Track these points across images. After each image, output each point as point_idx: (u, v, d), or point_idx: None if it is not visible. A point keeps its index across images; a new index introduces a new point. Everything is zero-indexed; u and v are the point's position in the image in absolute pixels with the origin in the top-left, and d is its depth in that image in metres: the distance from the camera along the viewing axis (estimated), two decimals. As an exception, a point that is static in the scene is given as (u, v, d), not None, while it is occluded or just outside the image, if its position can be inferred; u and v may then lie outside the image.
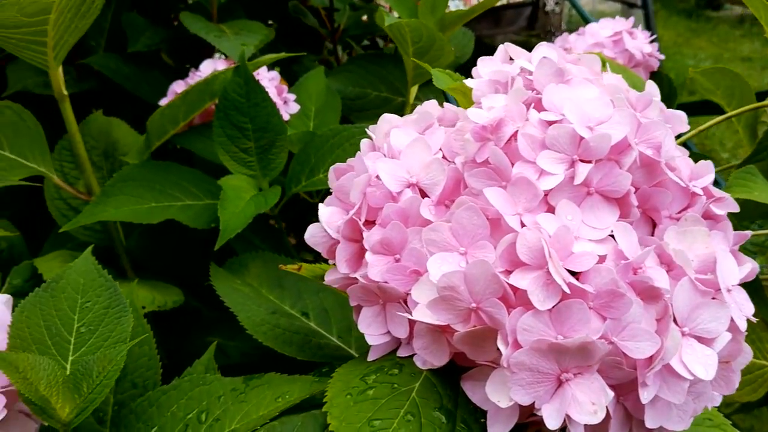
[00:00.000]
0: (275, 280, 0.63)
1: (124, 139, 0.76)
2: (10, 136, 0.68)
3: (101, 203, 0.61)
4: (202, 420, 0.44)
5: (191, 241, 0.80)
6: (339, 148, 0.68)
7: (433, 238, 0.35)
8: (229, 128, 0.63)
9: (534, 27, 3.93)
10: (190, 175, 0.66)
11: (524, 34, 3.73)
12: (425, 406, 0.36)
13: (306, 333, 0.58)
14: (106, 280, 0.46)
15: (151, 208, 0.62)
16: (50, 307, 0.44)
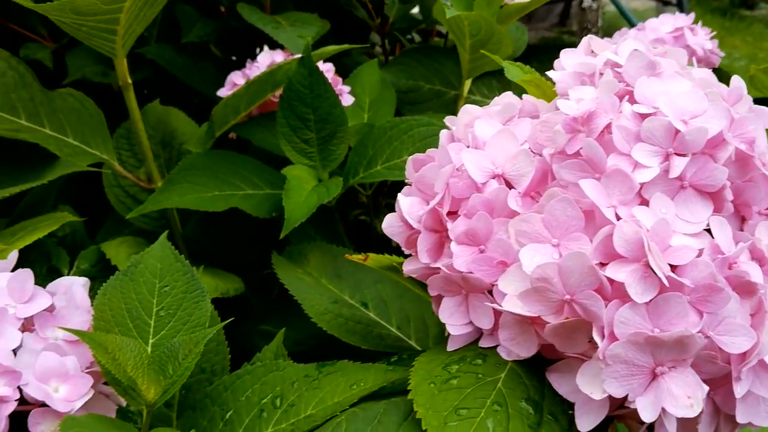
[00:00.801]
0: (334, 270, 0.64)
1: (182, 128, 0.77)
2: (73, 122, 0.69)
3: (166, 191, 0.62)
4: (277, 405, 0.44)
5: (243, 230, 0.81)
6: (397, 140, 0.68)
7: (524, 229, 0.35)
8: (292, 119, 0.63)
9: (565, 24, 3.89)
10: (250, 165, 0.67)
11: (555, 31, 3.70)
12: (512, 396, 0.36)
13: (367, 323, 0.59)
14: (183, 265, 0.47)
15: (214, 197, 0.63)
16: (130, 291, 0.45)
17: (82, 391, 0.38)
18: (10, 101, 0.67)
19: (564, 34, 3.87)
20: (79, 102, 0.71)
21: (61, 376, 0.39)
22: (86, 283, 0.45)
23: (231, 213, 0.81)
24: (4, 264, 0.43)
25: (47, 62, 0.80)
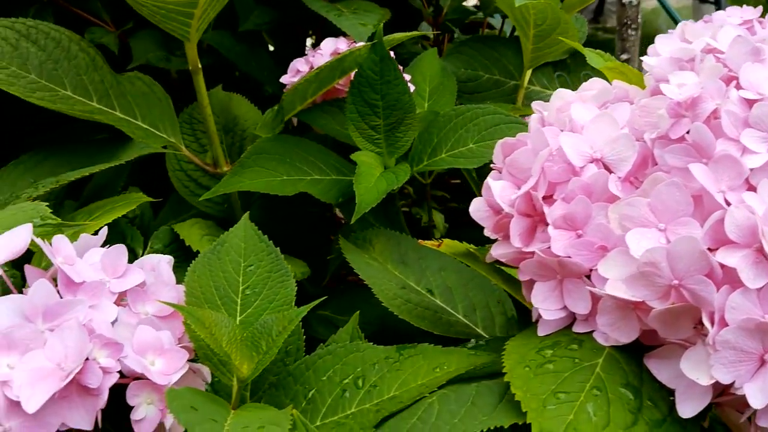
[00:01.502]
0: (398, 256, 0.64)
1: (245, 114, 0.77)
2: (142, 106, 0.70)
3: (237, 174, 0.63)
4: (359, 385, 0.45)
5: (302, 216, 0.81)
6: (462, 129, 0.68)
7: (629, 213, 0.35)
8: (361, 105, 0.63)
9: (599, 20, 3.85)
10: (316, 151, 0.67)
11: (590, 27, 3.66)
12: (611, 381, 0.36)
13: (435, 309, 0.59)
14: (267, 245, 0.47)
15: (283, 181, 0.63)
16: (218, 269, 0.45)
17: (178, 365, 0.39)
18: (83, 83, 0.68)
19: (598, 30, 3.83)
20: (147, 86, 0.72)
21: (157, 350, 0.39)
22: (171, 261, 0.46)
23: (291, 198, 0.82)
24: (94, 239, 0.44)
25: (112, 47, 0.81)
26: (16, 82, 0.63)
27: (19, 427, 0.35)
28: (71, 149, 0.68)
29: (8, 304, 0.36)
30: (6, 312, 0.36)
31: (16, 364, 0.35)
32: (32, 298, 0.36)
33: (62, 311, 0.37)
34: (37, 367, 0.35)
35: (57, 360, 0.36)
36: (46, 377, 0.35)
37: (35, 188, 0.55)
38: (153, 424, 0.38)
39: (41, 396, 0.34)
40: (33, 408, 0.34)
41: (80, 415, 0.36)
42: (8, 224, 0.44)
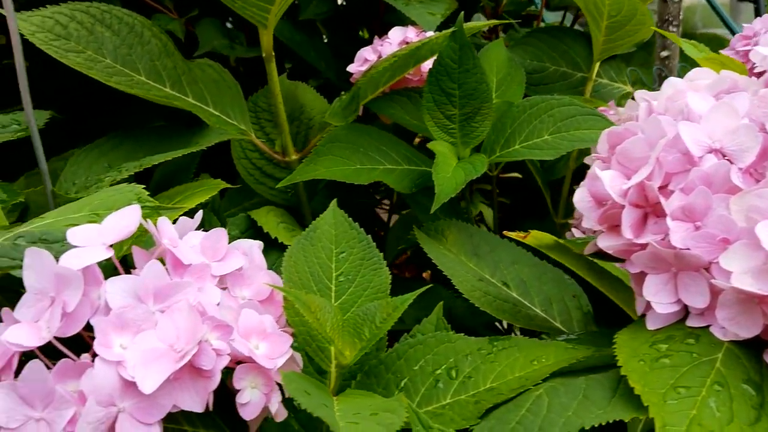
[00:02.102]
0: (471, 248, 0.63)
1: (311, 103, 0.77)
2: (213, 92, 0.70)
3: (313, 162, 0.62)
4: (453, 376, 0.44)
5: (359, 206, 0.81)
6: (536, 119, 0.67)
7: (758, 204, 0.34)
8: (438, 93, 0.63)
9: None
10: (387, 140, 0.67)
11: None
12: (732, 377, 0.35)
13: (514, 302, 0.58)
14: (359, 232, 0.47)
15: (357, 170, 0.63)
16: (311, 255, 0.45)
17: (283, 350, 0.39)
18: (156, 69, 0.68)
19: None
20: (217, 73, 0.72)
21: (260, 334, 0.39)
22: (261, 246, 0.46)
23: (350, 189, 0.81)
24: (192, 223, 0.44)
25: (179, 33, 0.81)
26: (94, 66, 0.63)
27: (133, 408, 0.35)
28: (144, 134, 0.68)
29: (120, 284, 0.36)
30: (118, 292, 0.36)
31: (128, 344, 0.35)
32: (144, 279, 0.36)
33: (172, 293, 0.37)
34: (149, 348, 0.35)
35: (169, 341, 0.36)
36: (160, 358, 0.35)
37: (118, 171, 0.56)
38: (258, 408, 0.38)
39: (157, 377, 0.34)
40: (150, 388, 0.34)
41: (191, 397, 0.36)
42: (108, 205, 0.44)
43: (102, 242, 0.38)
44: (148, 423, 0.35)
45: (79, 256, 0.37)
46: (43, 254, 0.37)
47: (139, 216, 0.39)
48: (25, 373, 0.34)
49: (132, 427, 0.34)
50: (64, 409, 0.34)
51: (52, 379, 0.34)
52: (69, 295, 0.36)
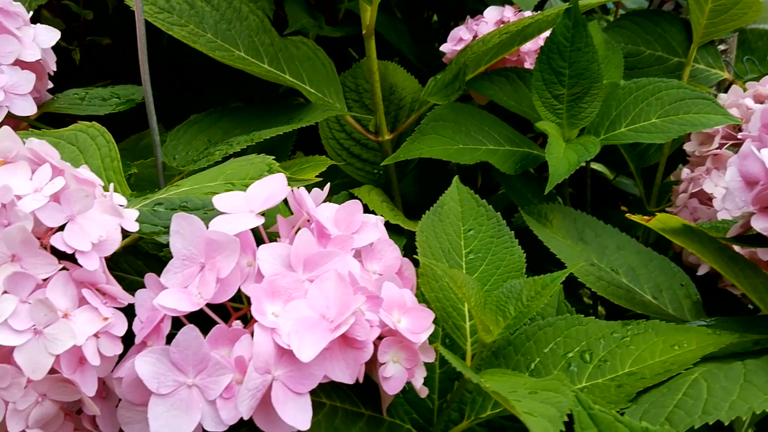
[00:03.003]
0: (576, 233, 0.62)
1: (402, 83, 0.76)
2: (308, 71, 0.69)
3: (416, 141, 0.61)
4: (587, 360, 0.43)
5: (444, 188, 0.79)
6: (643, 102, 0.65)
7: None
8: (547, 72, 0.61)
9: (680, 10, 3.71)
10: (489, 121, 0.65)
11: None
12: None
13: (627, 289, 0.57)
14: (487, 209, 0.46)
15: (460, 149, 0.62)
16: (441, 231, 0.44)
17: (425, 324, 0.38)
18: (254, 45, 0.67)
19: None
20: (311, 51, 0.71)
21: (401, 308, 0.38)
22: (382, 220, 0.45)
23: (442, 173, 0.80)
24: (322, 194, 0.43)
25: (268, 12, 0.80)
26: (198, 40, 0.63)
27: (285, 377, 0.34)
28: (243, 111, 0.67)
29: (272, 251, 0.36)
30: (269, 259, 0.36)
31: (280, 312, 0.35)
32: (296, 247, 0.36)
33: (322, 262, 0.36)
34: (301, 316, 0.35)
35: (320, 310, 0.35)
36: (313, 327, 0.34)
37: (229, 145, 0.55)
38: (401, 383, 0.37)
39: (314, 346, 0.33)
40: (308, 357, 0.33)
41: (341, 368, 0.35)
42: (241, 175, 0.43)
43: (249, 209, 0.37)
44: (300, 393, 0.34)
45: (231, 222, 0.36)
46: (193, 220, 0.36)
47: (286, 185, 0.38)
48: (179, 338, 0.34)
49: (285, 396, 0.34)
50: (220, 375, 0.33)
51: (206, 345, 0.34)
52: (222, 261, 0.35)
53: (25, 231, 0.34)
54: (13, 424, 0.34)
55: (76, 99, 0.64)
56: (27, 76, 0.54)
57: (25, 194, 0.35)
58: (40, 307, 0.33)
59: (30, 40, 0.56)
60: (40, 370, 0.33)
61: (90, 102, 0.64)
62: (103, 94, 0.66)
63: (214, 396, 0.33)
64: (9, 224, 0.34)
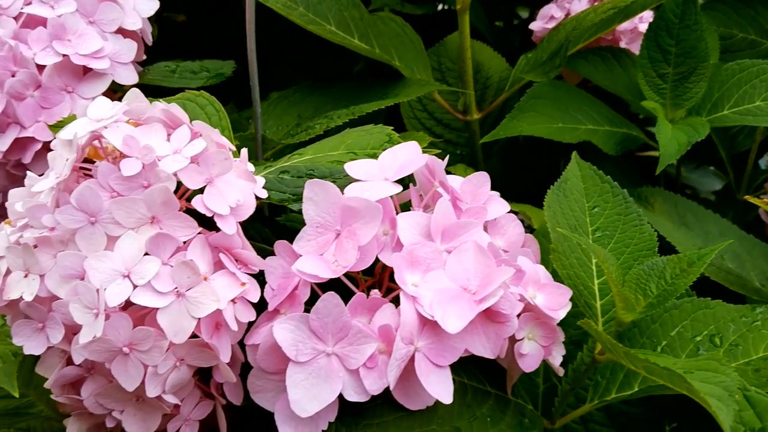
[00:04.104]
0: (678, 218, 0.60)
1: (489, 62, 0.74)
2: (397, 46, 0.68)
3: (516, 118, 0.60)
4: (717, 343, 0.41)
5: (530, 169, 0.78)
6: (747, 84, 0.62)
7: None
8: (653, 50, 0.59)
9: None
10: (588, 100, 0.64)
11: None
12: None
13: (737, 275, 0.54)
14: (612, 186, 0.44)
15: (560, 128, 0.60)
16: (566, 207, 0.42)
17: (562, 301, 0.36)
18: (344, 20, 0.66)
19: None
20: (399, 27, 0.70)
21: (536, 284, 0.37)
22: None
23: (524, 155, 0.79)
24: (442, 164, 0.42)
25: (351, -12, 0.79)
26: (292, 13, 0.62)
27: (426, 348, 0.33)
28: (334, 86, 0.67)
29: (410, 220, 0.35)
30: (408, 228, 0.35)
31: (419, 282, 0.34)
32: (436, 216, 0.35)
33: (459, 233, 0.35)
34: (441, 287, 0.34)
35: (460, 282, 0.34)
36: (455, 299, 0.33)
37: (330, 119, 0.54)
38: (537, 360, 0.36)
39: (459, 317, 0.32)
40: (455, 328, 0.32)
41: (482, 342, 0.34)
42: (361, 145, 0.43)
43: (384, 177, 0.36)
44: (441, 365, 0.33)
45: (368, 189, 0.35)
46: (328, 186, 0.35)
47: (421, 153, 0.37)
48: (319, 306, 0.33)
49: (428, 368, 0.33)
50: (362, 344, 0.32)
51: (347, 313, 0.33)
52: (361, 228, 0.34)
53: (167, 192, 0.33)
54: (151, 388, 0.33)
55: (167, 71, 0.64)
56: (129, 44, 0.54)
57: (165, 155, 0.34)
58: (184, 270, 0.32)
59: (131, 9, 0.55)
60: (182, 334, 0.32)
61: (181, 75, 0.64)
62: (193, 68, 0.65)
63: (356, 365, 0.33)
64: (149, 185, 0.34)
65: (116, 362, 0.33)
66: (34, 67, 0.49)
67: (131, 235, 0.33)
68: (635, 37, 0.71)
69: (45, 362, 0.36)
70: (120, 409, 0.35)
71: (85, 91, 0.51)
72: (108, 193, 0.34)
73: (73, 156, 0.34)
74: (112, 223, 0.33)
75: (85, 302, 0.32)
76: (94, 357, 0.32)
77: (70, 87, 0.51)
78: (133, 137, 0.34)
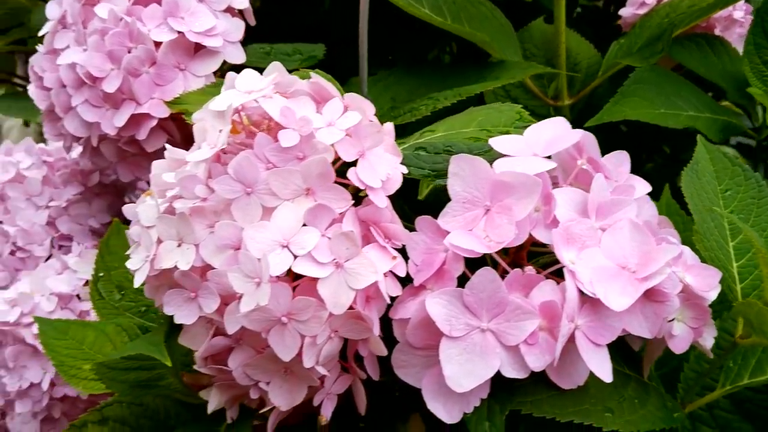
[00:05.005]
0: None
1: (576, 48, 0.73)
2: (488, 30, 0.67)
3: (619, 103, 0.59)
4: None
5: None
6: None
7: None
8: (760, 36, 0.58)
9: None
10: (687, 87, 0.63)
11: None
12: None
13: None
14: (744, 169, 0.43)
15: (663, 114, 0.59)
16: (700, 190, 0.42)
17: (712, 283, 0.36)
18: (437, 3, 0.66)
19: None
20: (489, 11, 0.69)
21: (683, 264, 0.36)
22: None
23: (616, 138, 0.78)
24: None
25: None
26: (394, -3, 0.62)
27: (587, 326, 0.33)
28: (427, 69, 0.66)
29: (565, 196, 0.34)
30: (564, 204, 0.34)
31: (575, 259, 0.33)
32: (593, 193, 0.34)
33: (613, 210, 0.35)
34: (598, 265, 0.33)
35: (617, 260, 0.33)
36: (615, 277, 0.33)
37: (437, 100, 0.54)
38: (687, 342, 0.35)
39: (621, 296, 0.32)
40: (620, 306, 0.32)
41: (639, 321, 0.33)
42: (493, 122, 0.42)
43: (532, 153, 0.36)
44: (599, 344, 0.33)
45: (520, 165, 0.35)
46: (476, 161, 0.35)
47: (571, 129, 0.37)
48: (474, 281, 0.33)
49: (587, 347, 0.32)
50: (522, 320, 0.32)
51: (504, 289, 0.33)
52: (516, 204, 0.34)
53: (325, 164, 0.33)
54: (307, 359, 0.33)
55: (262, 53, 0.64)
56: (237, 23, 0.54)
57: (319, 128, 0.34)
58: (343, 241, 0.32)
59: (238, -12, 0.55)
60: (341, 305, 0.32)
61: (276, 57, 0.64)
62: (286, 50, 0.65)
63: (515, 342, 0.32)
64: (304, 157, 0.34)
65: (273, 332, 0.33)
66: (151, 43, 0.50)
67: (288, 205, 0.33)
68: (729, 25, 0.70)
69: (189, 332, 0.36)
70: (266, 381, 0.35)
71: (198, 69, 0.51)
72: (263, 164, 0.34)
73: (228, 127, 0.34)
74: (267, 194, 0.33)
75: (246, 271, 0.32)
76: (253, 326, 0.32)
77: (183, 65, 0.51)
78: (290, 109, 0.34)
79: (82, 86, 0.51)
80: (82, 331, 0.44)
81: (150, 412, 0.47)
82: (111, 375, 0.39)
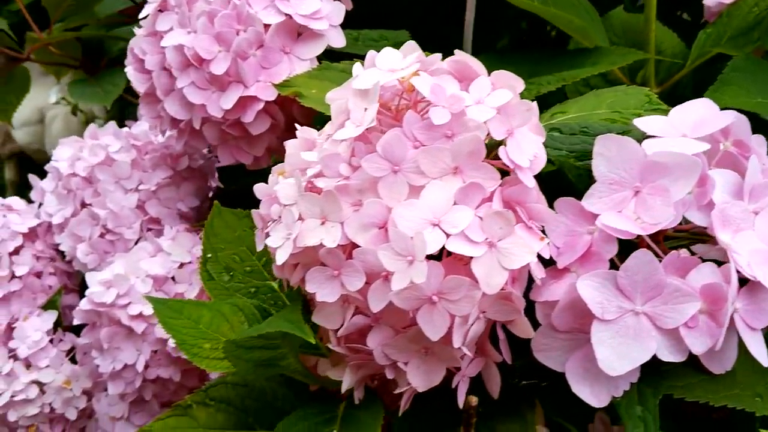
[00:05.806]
0: None
1: (661, 37, 0.72)
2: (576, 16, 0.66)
3: (718, 91, 0.58)
4: None
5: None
6: None
7: None
8: None
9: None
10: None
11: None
12: None
13: None
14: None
15: (759, 103, 0.58)
16: None
17: None
18: (525, -12, 0.65)
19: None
20: (575, -2, 0.69)
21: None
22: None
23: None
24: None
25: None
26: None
27: (744, 310, 0.32)
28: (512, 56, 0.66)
29: (722, 178, 0.34)
30: (720, 186, 0.33)
31: (729, 243, 0.33)
32: (749, 176, 0.33)
33: (765, 193, 0.34)
34: (756, 248, 0.32)
35: (771, 243, 0.33)
36: (769, 260, 0.32)
37: (540, 85, 0.53)
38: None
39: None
40: (785, 290, 0.31)
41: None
42: (623, 105, 0.42)
43: (681, 134, 0.35)
44: (754, 328, 0.32)
45: (672, 145, 0.34)
46: (624, 141, 0.34)
47: (719, 111, 0.36)
48: (629, 263, 0.32)
49: (746, 330, 0.32)
50: (683, 303, 0.32)
51: (661, 271, 0.32)
52: (673, 185, 0.33)
53: (478, 141, 0.33)
54: (457, 339, 0.33)
55: (350, 39, 0.64)
56: (338, 6, 0.53)
57: (468, 105, 0.34)
58: (497, 220, 0.32)
59: (338, -29, 0.55)
60: (495, 285, 0.32)
61: (364, 42, 0.64)
62: (373, 36, 0.65)
63: (673, 324, 0.32)
64: (453, 135, 0.33)
65: (422, 311, 0.32)
66: (261, 25, 0.50)
67: (438, 183, 0.33)
68: (820, 13, 0.69)
69: (325, 310, 0.36)
70: (405, 361, 0.35)
71: (303, 52, 0.51)
72: (411, 143, 0.33)
73: (375, 105, 0.34)
74: (414, 172, 0.33)
75: (397, 249, 0.32)
76: (403, 304, 0.32)
77: (288, 48, 0.51)
78: (440, 86, 0.33)
79: (188, 68, 0.51)
80: (198, 311, 0.44)
81: (256, 394, 0.47)
82: (238, 353, 0.39)
